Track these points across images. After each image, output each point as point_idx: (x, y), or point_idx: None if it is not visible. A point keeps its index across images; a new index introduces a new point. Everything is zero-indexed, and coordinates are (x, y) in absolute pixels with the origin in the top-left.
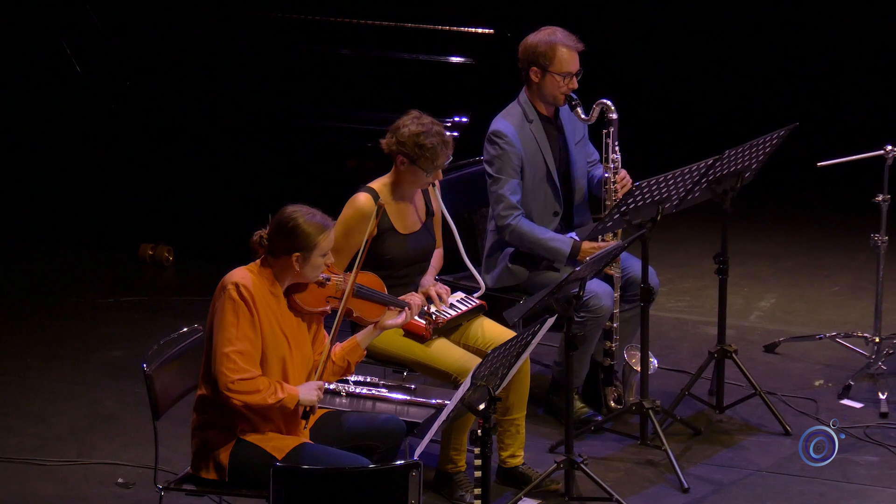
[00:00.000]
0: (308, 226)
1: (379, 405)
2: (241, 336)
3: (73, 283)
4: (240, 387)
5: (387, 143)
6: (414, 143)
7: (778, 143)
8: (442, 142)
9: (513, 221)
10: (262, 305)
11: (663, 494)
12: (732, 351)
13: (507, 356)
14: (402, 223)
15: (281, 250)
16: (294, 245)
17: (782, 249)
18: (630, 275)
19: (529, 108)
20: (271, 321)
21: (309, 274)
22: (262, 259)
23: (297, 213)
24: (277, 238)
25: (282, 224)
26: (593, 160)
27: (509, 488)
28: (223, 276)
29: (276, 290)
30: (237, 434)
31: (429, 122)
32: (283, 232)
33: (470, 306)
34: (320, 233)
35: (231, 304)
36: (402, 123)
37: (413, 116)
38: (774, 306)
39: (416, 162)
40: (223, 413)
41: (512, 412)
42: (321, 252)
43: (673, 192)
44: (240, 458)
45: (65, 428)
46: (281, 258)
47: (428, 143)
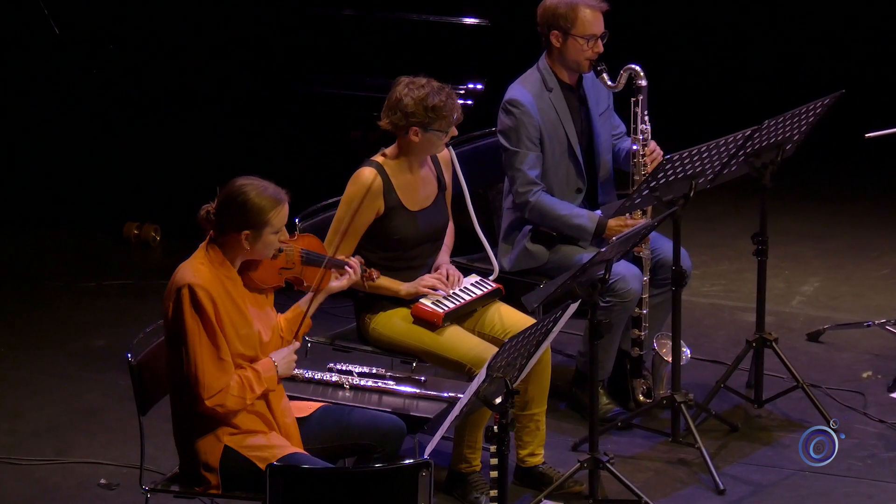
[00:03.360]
0: (259, 199)
1: (385, 399)
2: (204, 349)
3: (50, 266)
4: (217, 403)
5: (391, 122)
6: (424, 109)
7: (822, 112)
8: (448, 94)
9: (532, 198)
10: (220, 298)
11: (697, 496)
12: (772, 339)
13: (525, 345)
14: (411, 199)
15: (229, 227)
16: (243, 222)
17: (827, 229)
18: (660, 256)
19: (549, 75)
20: (231, 309)
21: (261, 251)
22: (209, 240)
23: (247, 187)
24: (225, 213)
25: (230, 198)
26: (618, 133)
27: (528, 490)
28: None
29: (230, 273)
30: (222, 441)
31: (424, 81)
32: (232, 207)
33: (485, 290)
34: (273, 207)
35: (191, 314)
36: (400, 94)
37: (405, 84)
38: (818, 291)
39: (432, 126)
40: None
41: (531, 407)
42: (273, 229)
43: (707, 166)
44: (229, 466)
45: (41, 424)
46: (230, 235)
47: (438, 102)
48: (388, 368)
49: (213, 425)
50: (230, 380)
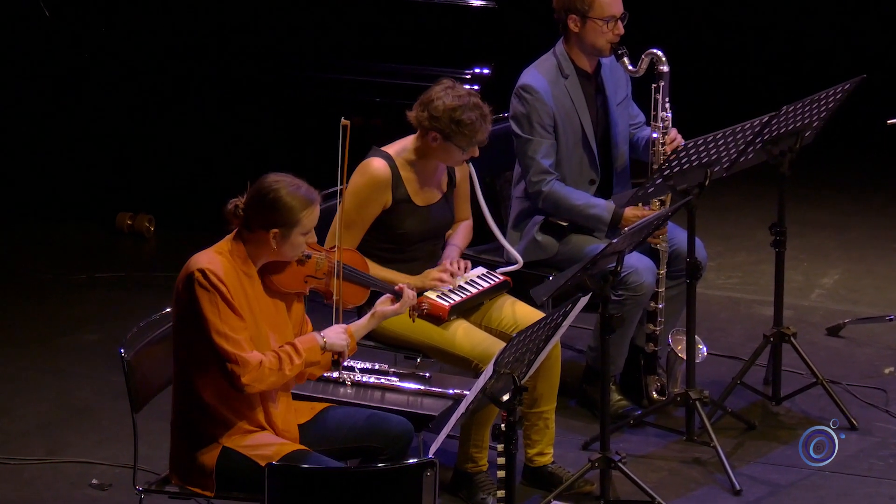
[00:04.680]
0: (291, 199)
1: (388, 396)
2: (229, 327)
3: (40, 258)
4: (254, 379)
5: (416, 117)
6: (450, 119)
7: (842, 97)
8: (481, 116)
9: (546, 187)
10: (234, 291)
11: (712, 497)
12: (791, 334)
13: (534, 340)
14: (420, 194)
15: (258, 224)
16: (273, 220)
17: (847, 219)
18: (674, 248)
19: (566, 61)
20: (244, 307)
21: (287, 253)
22: (236, 233)
23: (279, 184)
24: (255, 210)
25: (261, 194)
26: (637, 122)
27: (537, 490)
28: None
29: (250, 270)
30: (221, 441)
31: (465, 93)
32: (262, 204)
33: (492, 283)
34: (304, 208)
35: (205, 295)
36: (435, 95)
37: (446, 87)
38: (838, 283)
39: (452, 139)
40: (205, 416)
41: (540, 404)
42: (303, 230)
43: (723, 154)
44: (227, 467)
45: (31, 422)
46: (257, 233)
47: (466, 118)
48: (392, 364)
49: (214, 427)
50: (263, 357)
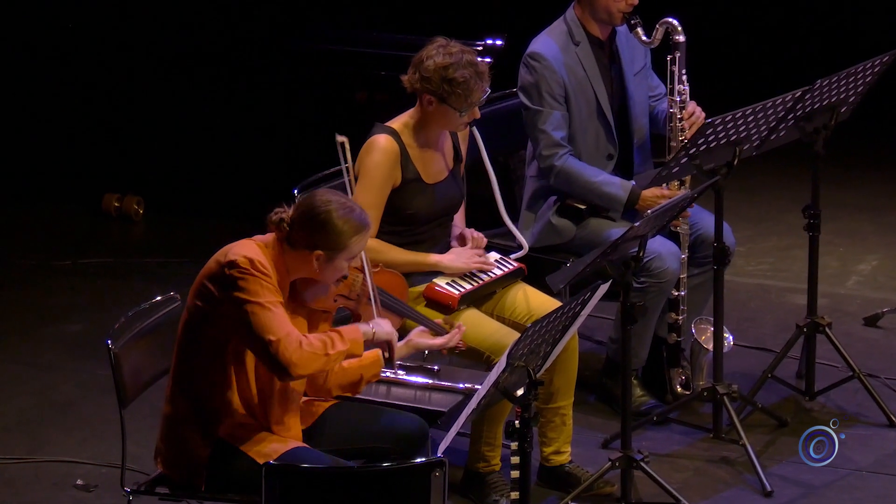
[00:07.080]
0: (342, 223)
1: (394, 390)
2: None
3: (21, 243)
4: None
5: (409, 80)
6: (441, 78)
7: (880, 71)
8: (475, 73)
9: (558, 162)
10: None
11: (741, 499)
12: (825, 324)
13: (550, 331)
14: (428, 171)
15: (302, 243)
16: (320, 241)
17: (886, 201)
18: (700, 232)
19: (578, 27)
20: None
21: (328, 276)
22: (278, 240)
23: (331, 205)
24: (302, 227)
25: (311, 213)
26: (657, 94)
27: (553, 492)
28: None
29: (283, 281)
30: (218, 435)
31: (457, 50)
32: (312, 223)
33: (506, 270)
34: (355, 234)
35: (251, 279)
36: (426, 55)
37: (438, 45)
38: (876, 270)
39: (447, 100)
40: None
41: (557, 399)
42: (349, 255)
43: (753, 131)
44: (221, 464)
45: (11, 418)
46: (300, 251)
47: (458, 76)
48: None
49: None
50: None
